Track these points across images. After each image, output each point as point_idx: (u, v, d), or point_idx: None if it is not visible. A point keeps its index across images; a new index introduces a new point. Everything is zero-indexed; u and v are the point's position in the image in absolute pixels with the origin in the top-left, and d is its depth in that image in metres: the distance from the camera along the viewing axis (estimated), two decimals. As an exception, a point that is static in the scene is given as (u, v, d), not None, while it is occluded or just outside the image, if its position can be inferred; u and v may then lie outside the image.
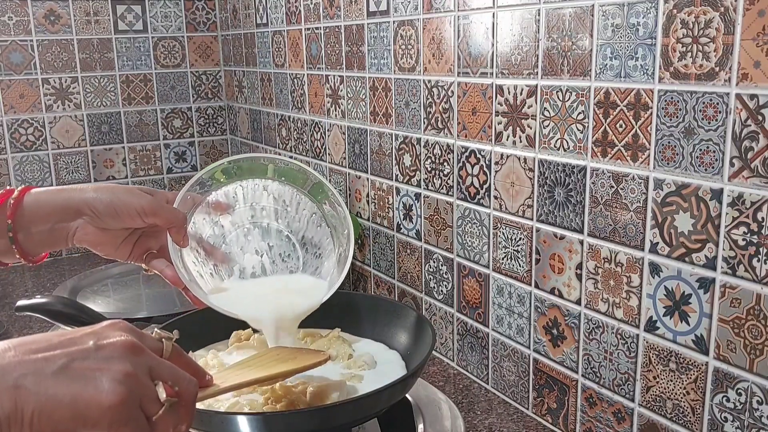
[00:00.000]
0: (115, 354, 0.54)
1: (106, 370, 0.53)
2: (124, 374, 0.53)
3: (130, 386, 0.53)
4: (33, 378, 0.50)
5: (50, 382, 0.51)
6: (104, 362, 0.53)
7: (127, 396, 0.53)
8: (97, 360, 0.53)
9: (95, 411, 0.52)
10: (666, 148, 0.83)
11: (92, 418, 0.52)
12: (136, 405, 0.54)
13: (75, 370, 0.52)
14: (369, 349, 0.99)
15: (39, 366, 0.51)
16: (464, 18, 1.11)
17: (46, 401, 0.50)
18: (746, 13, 0.72)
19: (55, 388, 0.51)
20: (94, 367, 0.53)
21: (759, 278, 0.75)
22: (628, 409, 0.94)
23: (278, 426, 0.79)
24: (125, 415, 0.53)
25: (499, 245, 1.12)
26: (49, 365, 0.51)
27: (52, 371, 0.51)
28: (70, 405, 0.51)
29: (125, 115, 2.08)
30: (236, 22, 2.02)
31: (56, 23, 1.95)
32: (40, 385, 0.50)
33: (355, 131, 1.49)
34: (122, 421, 0.53)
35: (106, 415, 0.52)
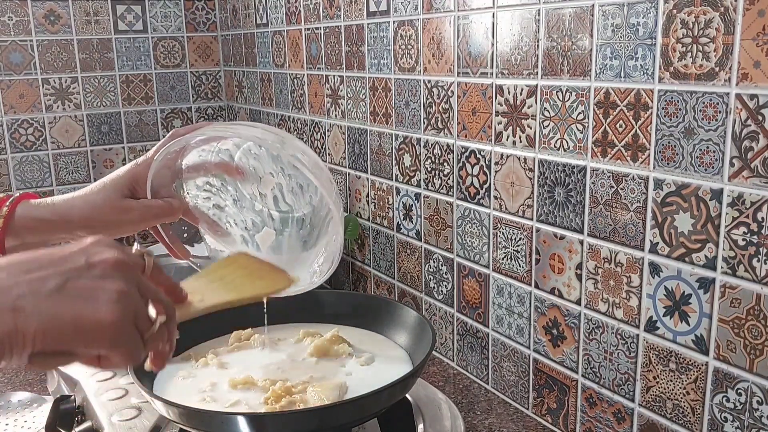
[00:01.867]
0: (108, 272, 0.54)
1: (102, 289, 0.53)
2: (119, 292, 0.54)
3: (126, 304, 0.54)
4: (31, 299, 0.51)
5: (49, 302, 0.51)
6: (99, 280, 0.54)
7: (124, 313, 0.54)
8: (91, 278, 0.54)
9: (96, 329, 0.52)
10: (666, 148, 0.83)
11: (94, 336, 0.53)
12: (132, 322, 0.55)
13: (71, 290, 0.52)
14: (371, 344, 0.99)
15: (35, 287, 0.51)
16: (464, 18, 1.11)
17: (48, 321, 0.51)
18: (746, 13, 0.72)
19: (55, 307, 0.51)
20: (90, 286, 0.53)
21: (759, 278, 0.75)
22: (628, 409, 0.94)
23: (278, 426, 0.79)
24: (124, 333, 0.54)
25: (499, 245, 1.12)
26: (44, 285, 0.52)
27: (49, 291, 0.51)
28: (72, 323, 0.52)
29: (125, 115, 2.08)
30: (236, 22, 2.02)
31: (56, 23, 1.95)
32: (40, 306, 0.51)
33: (355, 131, 1.49)
34: (121, 339, 0.54)
35: (107, 332, 0.53)
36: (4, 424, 1.14)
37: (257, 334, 1.00)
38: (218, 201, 0.88)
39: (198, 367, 0.94)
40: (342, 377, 0.90)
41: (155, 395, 0.82)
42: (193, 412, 0.79)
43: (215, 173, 0.86)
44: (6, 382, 1.29)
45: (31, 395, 1.22)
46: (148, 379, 0.88)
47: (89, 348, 0.54)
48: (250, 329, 1.02)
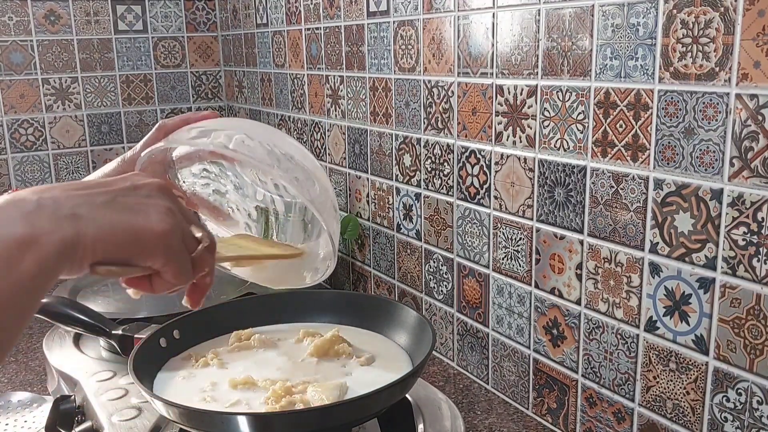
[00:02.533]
0: (153, 192, 0.57)
1: (150, 204, 0.56)
2: (166, 208, 0.56)
3: (174, 218, 0.57)
4: (87, 207, 0.52)
5: (103, 211, 0.53)
6: (146, 198, 0.56)
7: (173, 226, 0.56)
8: (138, 196, 0.56)
9: (150, 237, 0.55)
10: (666, 148, 0.83)
11: (149, 245, 0.55)
12: (180, 238, 0.57)
13: (121, 203, 0.54)
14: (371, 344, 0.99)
15: (88, 199, 0.53)
16: (464, 18, 1.11)
17: (105, 227, 0.52)
18: (746, 13, 0.72)
19: (110, 216, 0.53)
20: (138, 202, 0.55)
21: (759, 278, 0.75)
22: (628, 409, 0.94)
23: (278, 426, 0.79)
24: (174, 245, 0.56)
25: (499, 245, 1.12)
26: (97, 198, 0.53)
27: (102, 202, 0.53)
28: (128, 231, 0.53)
29: (125, 115, 2.08)
30: (236, 22, 2.02)
31: (56, 23, 1.95)
32: (96, 213, 0.52)
33: (355, 131, 1.49)
34: (172, 251, 0.56)
35: (160, 242, 0.55)
36: (4, 424, 1.14)
37: (257, 334, 1.00)
38: (218, 187, 0.87)
39: (198, 367, 0.94)
40: (342, 377, 0.90)
41: (155, 395, 0.81)
42: (193, 412, 0.79)
43: (211, 160, 0.85)
44: (6, 382, 1.29)
45: (31, 395, 1.22)
46: (148, 379, 0.88)
47: (145, 258, 0.55)
48: (250, 329, 1.01)
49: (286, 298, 1.10)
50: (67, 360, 1.14)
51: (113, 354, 1.13)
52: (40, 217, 0.49)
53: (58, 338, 1.22)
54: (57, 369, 1.13)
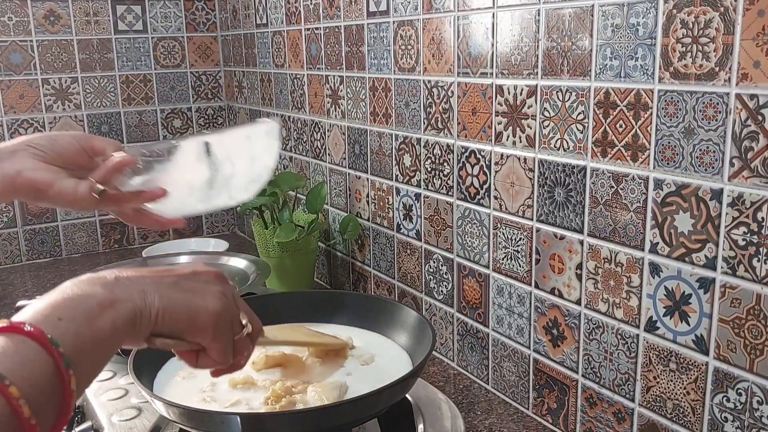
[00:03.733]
0: (211, 279, 0.67)
1: (208, 289, 0.65)
2: (222, 293, 0.66)
3: (226, 302, 0.66)
4: (155, 286, 0.62)
5: (168, 290, 0.62)
6: (204, 284, 0.66)
7: (225, 308, 0.66)
8: (198, 282, 0.66)
9: (204, 316, 0.64)
10: (666, 148, 0.83)
11: (201, 322, 0.63)
12: (230, 320, 0.67)
13: (184, 286, 0.64)
14: (372, 344, 0.99)
15: (157, 280, 0.63)
16: (464, 18, 1.11)
17: (168, 303, 0.61)
18: (746, 13, 0.72)
19: (173, 294, 0.62)
20: (198, 287, 0.65)
21: (759, 278, 0.75)
22: (628, 409, 0.94)
23: (278, 426, 0.79)
24: (224, 326, 0.66)
25: (499, 245, 1.12)
26: (164, 280, 0.63)
27: (167, 284, 0.63)
28: (186, 308, 0.63)
29: (125, 115, 2.08)
30: (236, 23, 2.02)
31: (56, 24, 1.95)
32: (162, 292, 0.62)
33: (355, 131, 1.49)
34: (221, 331, 0.65)
35: (212, 320, 0.64)
36: (4, 424, 1.14)
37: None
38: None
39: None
40: (342, 377, 0.90)
41: (155, 395, 0.82)
42: (193, 412, 0.79)
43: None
44: (6, 382, 1.29)
45: (31, 395, 1.21)
46: (148, 379, 0.88)
47: (196, 334, 0.64)
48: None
49: (286, 298, 1.10)
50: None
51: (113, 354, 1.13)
52: (118, 288, 0.59)
53: (58, 338, 1.22)
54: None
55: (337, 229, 1.60)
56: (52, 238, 2.03)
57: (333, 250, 1.68)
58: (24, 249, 2.00)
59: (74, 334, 0.54)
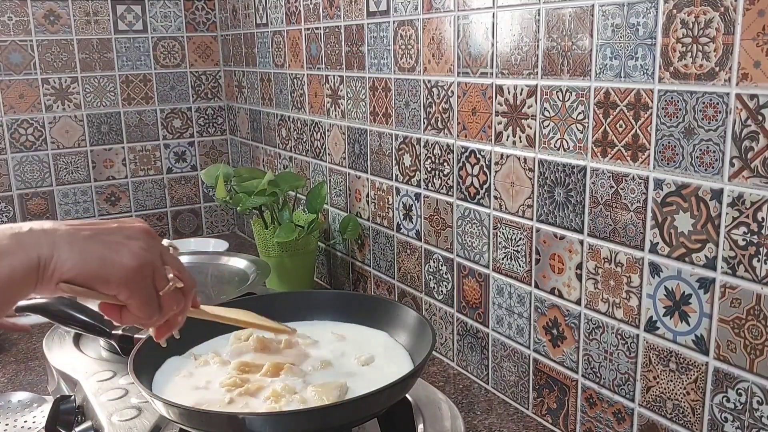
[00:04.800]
0: (135, 234, 0.66)
1: (127, 245, 0.64)
2: (143, 248, 0.65)
3: (146, 258, 0.65)
4: (69, 238, 0.62)
5: (82, 242, 0.62)
6: (126, 239, 0.65)
7: (143, 264, 0.65)
8: (120, 236, 0.65)
9: (117, 270, 0.63)
10: (666, 148, 0.83)
11: (114, 276, 0.63)
12: (149, 276, 0.66)
13: (102, 240, 0.64)
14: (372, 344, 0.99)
15: (73, 231, 0.63)
16: (464, 18, 1.11)
17: (78, 254, 0.61)
18: (746, 13, 0.72)
19: (86, 246, 0.62)
20: (118, 241, 0.64)
21: (759, 278, 0.75)
22: (628, 409, 0.94)
23: (278, 426, 0.79)
24: (140, 280, 0.65)
25: (499, 245, 1.12)
26: (81, 233, 0.63)
27: (84, 236, 0.63)
28: (98, 261, 0.62)
29: (125, 115, 2.08)
30: (236, 22, 2.02)
31: (56, 23, 1.95)
32: (75, 244, 0.62)
33: (355, 131, 1.49)
34: (137, 284, 0.64)
35: (126, 275, 0.63)
36: (4, 424, 1.14)
37: (255, 334, 1.00)
38: None
39: (198, 366, 0.94)
40: (342, 377, 0.90)
41: (155, 395, 0.81)
42: (193, 412, 0.79)
43: None
44: (6, 382, 1.29)
45: (31, 395, 1.21)
46: (147, 379, 0.88)
47: (108, 287, 0.63)
48: (250, 330, 1.01)
49: (286, 298, 1.10)
50: (67, 360, 1.14)
51: (113, 354, 1.13)
52: (28, 237, 0.60)
53: (58, 338, 1.22)
54: (57, 369, 1.13)
55: (337, 229, 1.60)
56: (51, 237, 2.02)
57: (333, 250, 1.68)
58: (24, 249, 2.00)
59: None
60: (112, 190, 2.10)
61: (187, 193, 2.21)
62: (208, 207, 2.24)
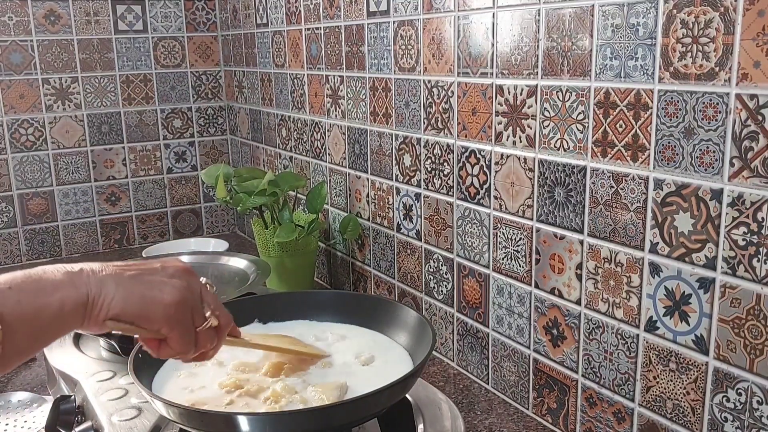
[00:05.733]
0: (177, 273, 0.71)
1: (169, 282, 0.69)
2: (183, 287, 0.70)
3: (186, 295, 0.70)
4: (114, 277, 0.66)
5: (127, 282, 0.67)
6: (168, 278, 0.70)
7: (183, 301, 0.69)
8: (162, 275, 0.69)
9: (158, 308, 0.67)
10: (666, 148, 0.83)
11: (156, 313, 0.67)
12: (188, 312, 0.70)
13: (145, 279, 0.68)
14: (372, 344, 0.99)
15: (118, 271, 0.67)
16: (464, 18, 1.11)
17: (123, 293, 0.66)
18: (746, 13, 0.72)
19: (131, 286, 0.67)
20: (160, 280, 0.69)
21: (759, 278, 0.75)
22: (628, 409, 0.94)
23: (278, 426, 0.79)
24: (180, 317, 0.69)
25: (499, 245, 1.12)
26: (126, 272, 0.68)
27: (129, 276, 0.67)
28: (140, 299, 0.67)
29: (125, 115, 2.08)
30: (236, 22, 2.02)
31: (56, 23, 1.95)
32: (120, 283, 0.66)
33: (355, 131, 1.49)
34: (177, 321, 0.69)
35: (165, 311, 0.68)
36: (4, 424, 1.14)
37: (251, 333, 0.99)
38: None
39: (198, 366, 0.94)
40: (342, 377, 0.90)
41: (155, 395, 0.81)
42: (193, 412, 0.79)
43: None
44: (6, 382, 1.29)
45: (31, 395, 1.22)
46: (147, 379, 0.88)
47: (150, 323, 0.68)
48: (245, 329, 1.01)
49: (287, 298, 1.10)
50: (67, 360, 1.14)
51: (113, 354, 1.13)
52: (78, 276, 0.64)
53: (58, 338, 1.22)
54: (57, 369, 1.13)
55: (337, 229, 1.60)
56: (52, 237, 2.03)
57: (333, 250, 1.68)
58: (24, 249, 2.00)
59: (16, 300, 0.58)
60: (112, 190, 2.10)
61: (188, 193, 2.21)
62: (208, 207, 2.24)
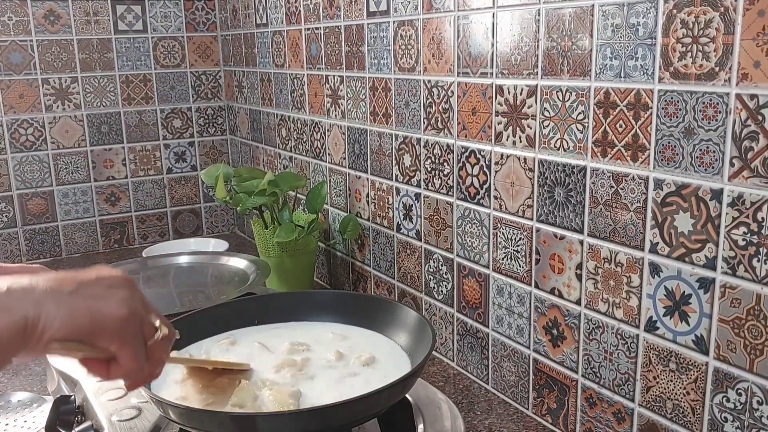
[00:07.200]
0: (116, 283, 0.64)
1: (111, 294, 0.63)
2: (126, 297, 0.63)
3: (133, 307, 0.64)
4: (52, 294, 0.59)
5: (68, 298, 0.60)
6: (108, 289, 0.63)
7: (132, 313, 0.63)
8: (102, 287, 0.63)
9: (109, 322, 0.61)
10: (666, 148, 0.83)
11: (106, 328, 0.61)
12: (138, 324, 0.64)
13: (85, 293, 0.61)
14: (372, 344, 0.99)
15: (56, 287, 0.60)
16: (464, 18, 1.11)
17: (67, 311, 0.59)
18: (746, 13, 0.72)
19: (73, 302, 0.60)
20: (101, 292, 0.62)
21: (759, 278, 0.75)
22: (628, 409, 0.94)
23: (278, 426, 0.79)
24: (131, 330, 0.63)
25: (499, 245, 1.12)
26: (64, 287, 0.60)
27: (67, 291, 0.60)
28: (88, 314, 0.60)
29: (125, 115, 2.08)
30: (236, 22, 2.02)
31: (56, 23, 1.95)
32: (60, 300, 0.59)
33: (355, 131, 1.49)
34: (129, 336, 0.63)
35: (118, 326, 0.62)
36: (4, 424, 1.14)
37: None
38: None
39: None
40: (342, 377, 0.90)
41: (155, 395, 0.81)
42: (193, 412, 0.79)
43: None
44: (6, 382, 1.29)
45: (31, 395, 1.22)
46: (148, 379, 0.88)
47: (101, 339, 0.62)
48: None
49: (286, 298, 1.10)
50: (67, 360, 1.14)
51: (113, 354, 1.13)
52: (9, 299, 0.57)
53: (58, 338, 1.22)
54: (57, 369, 1.13)
55: (337, 229, 1.60)
56: (51, 237, 2.03)
57: (333, 250, 1.68)
58: (24, 249, 2.00)
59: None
60: (112, 190, 2.10)
61: (187, 193, 2.21)
62: (208, 207, 2.24)
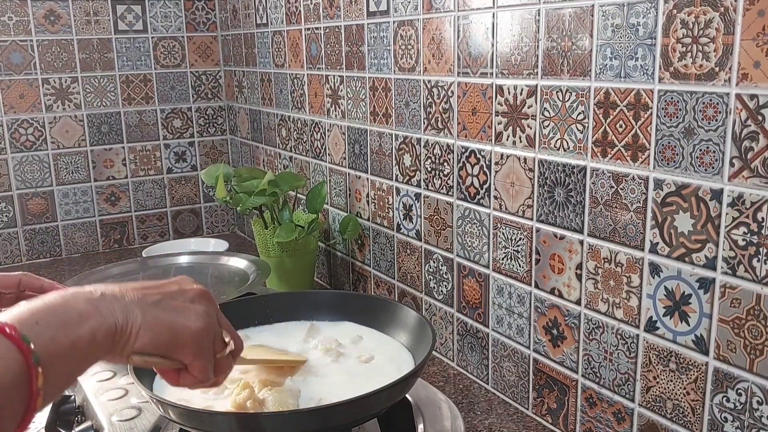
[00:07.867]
0: (195, 298, 0.68)
1: (192, 308, 0.66)
2: (205, 312, 0.67)
3: (209, 321, 0.67)
4: (139, 303, 0.62)
5: (152, 309, 0.63)
6: (189, 302, 0.67)
7: (208, 327, 0.67)
8: (183, 300, 0.67)
9: (187, 335, 0.65)
10: (666, 148, 0.83)
11: (183, 341, 0.65)
12: (212, 339, 0.68)
13: (168, 305, 0.65)
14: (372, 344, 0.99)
15: (141, 296, 0.63)
16: (464, 18, 1.11)
17: (150, 322, 0.62)
18: (746, 13, 0.72)
19: (156, 313, 0.63)
20: (182, 305, 0.66)
21: (759, 278, 0.75)
22: (628, 409, 0.94)
23: (278, 426, 0.79)
24: (205, 344, 0.67)
25: (499, 245, 1.12)
26: (148, 298, 0.64)
27: (152, 302, 0.64)
28: (169, 327, 0.64)
29: (125, 115, 2.08)
30: (236, 22, 2.02)
31: (56, 23, 1.95)
32: (145, 310, 0.63)
33: (355, 131, 1.49)
34: (203, 349, 0.67)
35: (194, 339, 0.65)
36: (4, 424, 1.14)
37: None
38: None
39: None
40: (342, 377, 0.90)
41: (155, 395, 0.82)
42: (193, 412, 0.79)
43: None
44: (6, 382, 1.28)
45: (31, 395, 1.21)
46: (148, 379, 0.88)
47: (179, 352, 0.65)
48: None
49: (287, 298, 1.10)
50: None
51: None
52: (101, 303, 0.60)
53: (58, 338, 1.22)
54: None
55: (337, 229, 1.60)
56: (51, 237, 2.03)
57: (333, 250, 1.68)
58: (24, 249, 2.00)
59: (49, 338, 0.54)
60: (112, 190, 2.10)
61: (187, 193, 2.21)
62: (208, 207, 2.24)
